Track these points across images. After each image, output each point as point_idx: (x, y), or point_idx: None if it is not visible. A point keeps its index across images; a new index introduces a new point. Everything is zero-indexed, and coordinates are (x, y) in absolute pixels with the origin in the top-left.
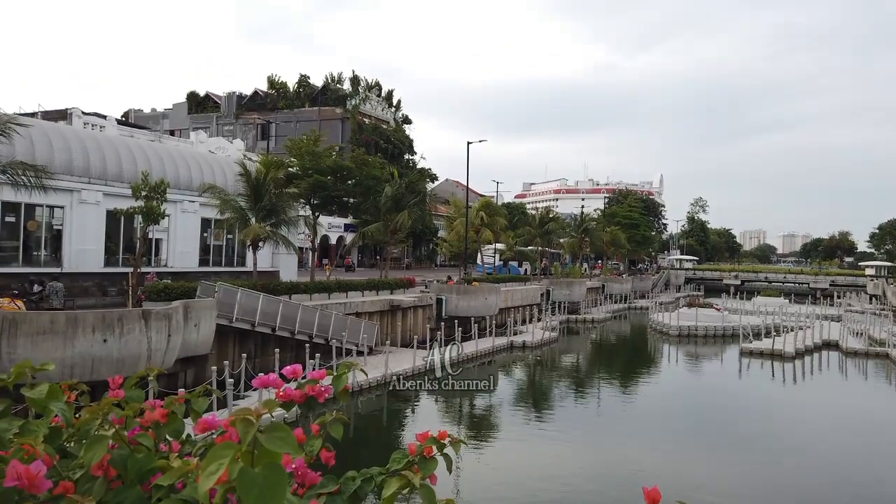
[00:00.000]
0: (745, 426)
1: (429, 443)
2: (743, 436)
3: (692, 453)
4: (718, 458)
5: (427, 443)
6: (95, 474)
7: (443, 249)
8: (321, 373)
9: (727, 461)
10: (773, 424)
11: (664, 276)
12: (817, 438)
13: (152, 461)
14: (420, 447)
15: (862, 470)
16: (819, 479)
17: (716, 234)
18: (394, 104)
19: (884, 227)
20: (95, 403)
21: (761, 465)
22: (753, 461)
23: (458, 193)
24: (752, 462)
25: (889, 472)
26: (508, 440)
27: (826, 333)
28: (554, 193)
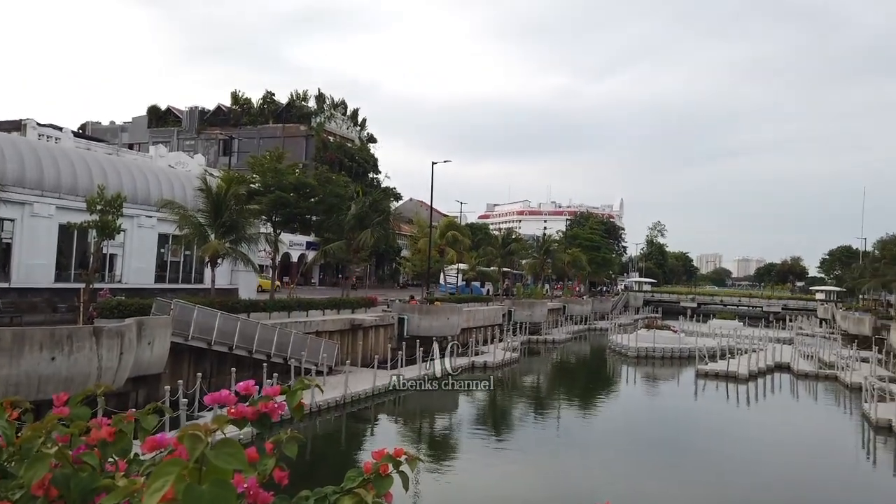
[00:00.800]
0: (700, 447)
1: (384, 460)
2: (698, 456)
3: (649, 473)
4: (673, 478)
5: (382, 460)
6: (36, 494)
7: (406, 269)
8: (275, 389)
9: (682, 481)
10: (727, 445)
11: (623, 298)
12: (768, 459)
13: (96, 481)
14: (375, 465)
15: (809, 491)
16: (769, 499)
17: (673, 258)
18: (359, 123)
19: (833, 253)
20: (39, 421)
21: (714, 485)
22: (707, 481)
23: (421, 213)
24: (706, 482)
25: (835, 492)
26: (468, 460)
27: (778, 356)
28: (517, 215)
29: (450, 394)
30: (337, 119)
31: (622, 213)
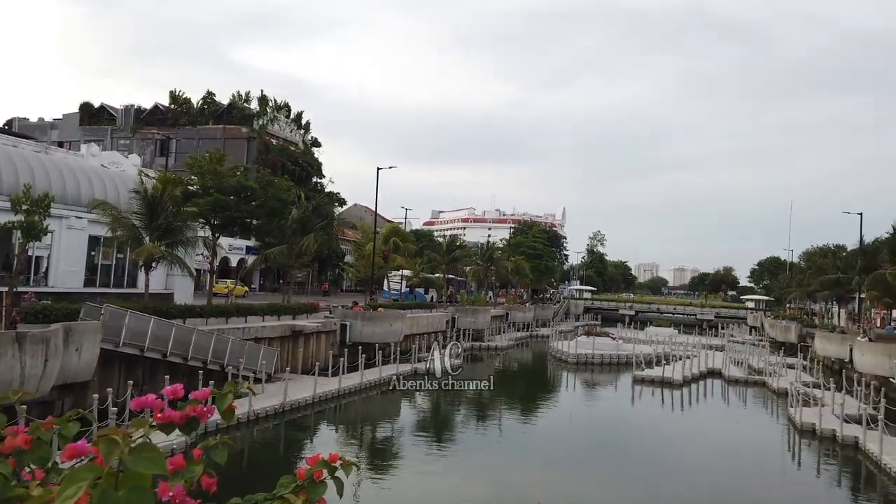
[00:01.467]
0: (636, 450)
1: (318, 466)
2: (634, 459)
3: (587, 476)
4: (610, 481)
5: (317, 466)
6: None
7: (349, 275)
8: (204, 392)
9: (618, 484)
10: (662, 449)
11: (564, 306)
12: (700, 462)
13: (10, 490)
14: (309, 471)
15: (738, 492)
16: (700, 501)
17: (613, 266)
18: (303, 126)
19: (762, 263)
20: None
21: (649, 488)
22: (642, 484)
23: (366, 218)
24: (640, 484)
25: (763, 493)
26: (409, 466)
27: (710, 362)
28: (462, 222)
29: (392, 401)
30: (280, 122)
31: (564, 222)
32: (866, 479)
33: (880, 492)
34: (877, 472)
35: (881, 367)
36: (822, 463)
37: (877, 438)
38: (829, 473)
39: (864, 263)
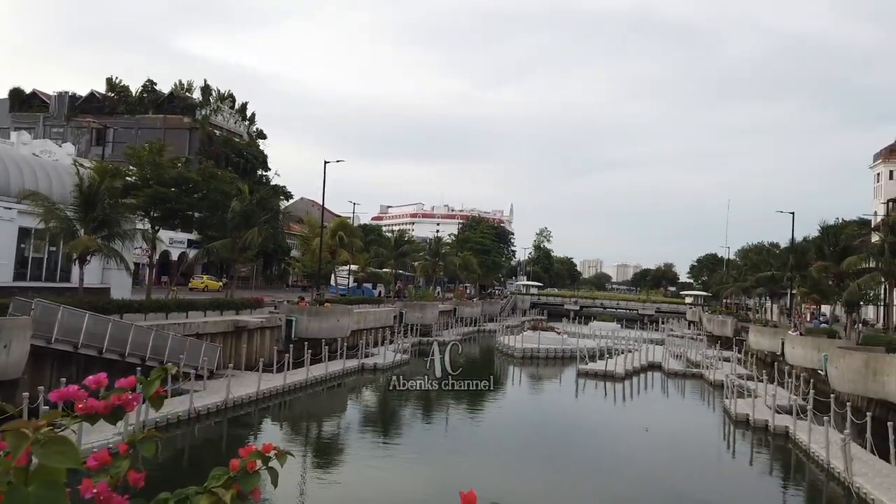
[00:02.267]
0: (580, 442)
1: (252, 457)
2: (578, 451)
3: (532, 469)
4: (554, 473)
5: (250, 457)
6: None
7: (295, 269)
8: (130, 380)
9: (562, 475)
10: (604, 440)
11: (512, 301)
12: (641, 453)
13: None
14: (242, 462)
15: (676, 482)
16: (641, 491)
17: (559, 262)
18: (248, 117)
19: (701, 260)
20: None
21: (592, 479)
22: (585, 475)
23: (313, 212)
24: (584, 476)
25: (700, 483)
26: (355, 462)
27: (651, 356)
28: (410, 217)
29: (338, 397)
30: (224, 112)
31: (512, 218)
32: (796, 467)
33: (808, 479)
34: (805, 461)
35: (810, 359)
36: (755, 452)
37: (806, 428)
38: (761, 462)
39: (795, 261)
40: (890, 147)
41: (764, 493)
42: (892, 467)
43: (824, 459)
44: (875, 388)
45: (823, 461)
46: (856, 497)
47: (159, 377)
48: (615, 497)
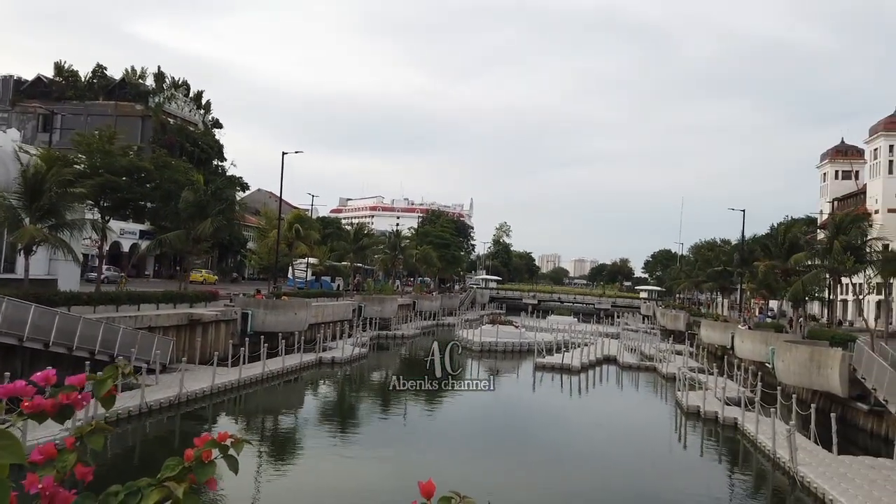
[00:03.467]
0: (536, 435)
1: (207, 446)
2: (534, 443)
3: (489, 460)
4: (510, 465)
5: (205, 446)
6: None
7: (252, 262)
8: (80, 377)
9: (518, 467)
10: (561, 433)
11: (471, 295)
12: (596, 445)
13: None
14: (197, 451)
15: (630, 472)
16: (596, 482)
17: (518, 257)
18: (203, 105)
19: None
20: None
21: (547, 470)
22: (541, 467)
23: (270, 204)
24: (540, 468)
25: (653, 473)
26: (312, 457)
27: (606, 349)
28: (370, 210)
29: (295, 391)
30: (178, 100)
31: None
32: (743, 457)
33: (755, 468)
34: (753, 451)
35: (758, 353)
36: (706, 443)
37: (753, 419)
38: (711, 453)
39: (744, 257)
40: (836, 148)
41: (713, 483)
42: (833, 456)
43: (770, 449)
44: (819, 380)
45: (770, 451)
46: (799, 485)
47: (111, 377)
48: (571, 487)
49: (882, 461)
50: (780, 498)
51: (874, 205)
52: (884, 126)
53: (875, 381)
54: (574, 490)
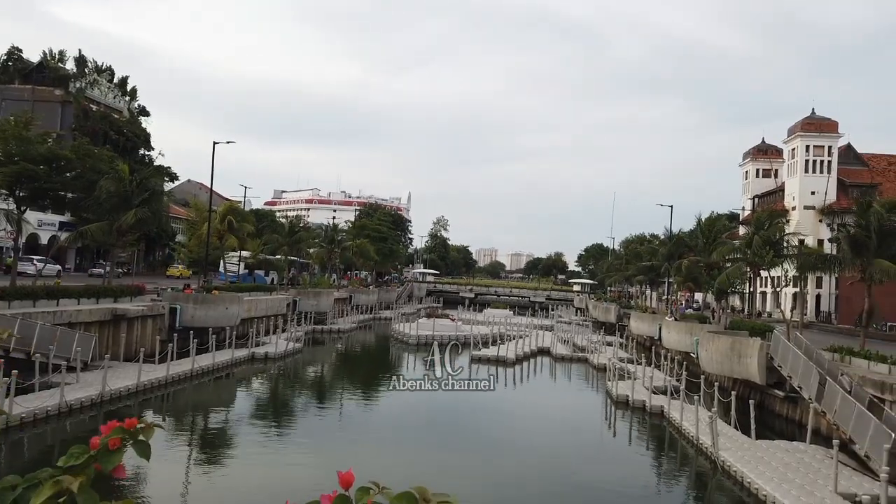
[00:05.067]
0: (472, 427)
1: (114, 433)
2: (469, 435)
3: (424, 455)
4: (444, 458)
5: (112, 434)
6: None
7: (181, 255)
8: None
9: (454, 460)
10: (496, 424)
11: (408, 289)
12: (531, 436)
13: None
14: (104, 439)
15: (563, 461)
16: (530, 473)
17: (455, 251)
18: (128, 92)
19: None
20: None
21: (484, 462)
22: (477, 459)
23: (201, 196)
24: (476, 460)
25: (584, 461)
26: (244, 455)
27: (541, 341)
28: (306, 203)
29: (226, 387)
30: (102, 86)
31: (410, 206)
32: (669, 443)
33: (680, 455)
34: (678, 437)
35: (683, 343)
36: (634, 431)
37: (678, 407)
38: (639, 440)
39: (671, 252)
40: (757, 147)
41: (641, 469)
42: (752, 441)
43: (694, 436)
44: (739, 369)
45: (693, 437)
46: (720, 469)
47: None
48: (504, 477)
49: (796, 444)
50: (703, 482)
51: (791, 202)
52: (801, 127)
53: (790, 368)
54: (507, 478)
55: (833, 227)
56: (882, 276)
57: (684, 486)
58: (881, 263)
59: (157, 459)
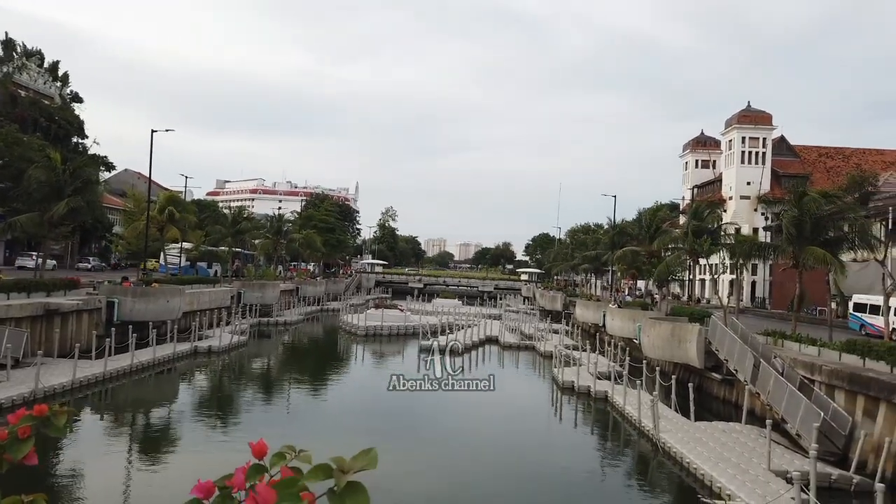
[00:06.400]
0: (420, 416)
1: (24, 422)
2: (418, 425)
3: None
4: (394, 449)
5: (21, 422)
6: None
7: (118, 247)
8: None
9: (402, 450)
10: (445, 414)
11: (356, 280)
12: (479, 424)
13: None
14: (12, 429)
15: (507, 446)
16: (479, 462)
17: (404, 241)
18: (60, 78)
19: (536, 239)
20: None
21: (433, 451)
22: (426, 448)
23: (139, 186)
24: (425, 450)
25: (532, 446)
26: (186, 452)
27: (489, 330)
28: (250, 193)
29: (167, 382)
30: (31, 71)
31: (358, 196)
32: (613, 427)
33: (623, 437)
34: (621, 421)
35: (627, 330)
36: (579, 415)
37: (622, 392)
38: (584, 424)
39: (615, 241)
40: (696, 139)
41: (585, 453)
42: (691, 423)
43: (636, 419)
44: (679, 353)
45: (636, 421)
46: (661, 451)
47: None
48: (452, 464)
49: (732, 425)
50: (645, 463)
51: (728, 192)
52: (737, 119)
53: (727, 352)
54: (454, 466)
55: (767, 216)
56: (814, 262)
57: (627, 468)
58: (813, 251)
59: (95, 457)
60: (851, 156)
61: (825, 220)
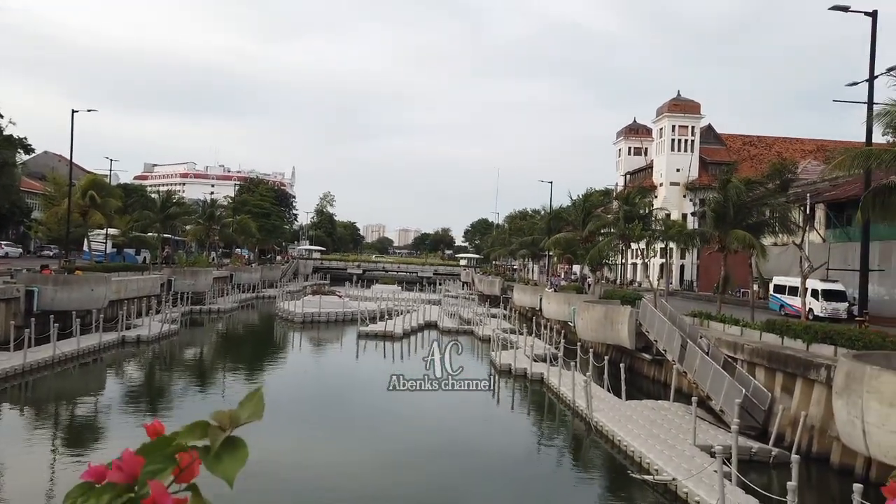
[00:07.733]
0: (359, 403)
1: None
2: (357, 413)
3: (311, 431)
4: (334, 438)
5: None
6: None
7: (38, 233)
8: None
9: (343, 439)
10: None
11: (293, 266)
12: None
13: None
14: None
15: (445, 431)
16: (414, 439)
17: (342, 227)
18: None
19: (474, 225)
20: None
21: (371, 438)
22: (369, 436)
23: (60, 169)
24: (361, 432)
25: (474, 429)
26: (114, 446)
27: (428, 316)
28: (181, 177)
29: (93, 373)
30: None
31: (294, 181)
32: (548, 407)
33: (558, 417)
34: (556, 402)
35: (562, 313)
36: (516, 397)
37: (557, 373)
38: (521, 406)
39: (551, 226)
40: (629, 126)
41: (522, 433)
42: (622, 402)
43: (571, 400)
44: (612, 335)
45: (570, 401)
46: (594, 430)
47: None
48: (391, 447)
49: (661, 403)
50: (579, 441)
51: (659, 178)
52: (668, 108)
53: (656, 333)
54: (396, 449)
55: (695, 202)
56: (738, 245)
57: (562, 447)
58: (737, 234)
59: (15, 454)
60: (773, 144)
61: (748, 205)
